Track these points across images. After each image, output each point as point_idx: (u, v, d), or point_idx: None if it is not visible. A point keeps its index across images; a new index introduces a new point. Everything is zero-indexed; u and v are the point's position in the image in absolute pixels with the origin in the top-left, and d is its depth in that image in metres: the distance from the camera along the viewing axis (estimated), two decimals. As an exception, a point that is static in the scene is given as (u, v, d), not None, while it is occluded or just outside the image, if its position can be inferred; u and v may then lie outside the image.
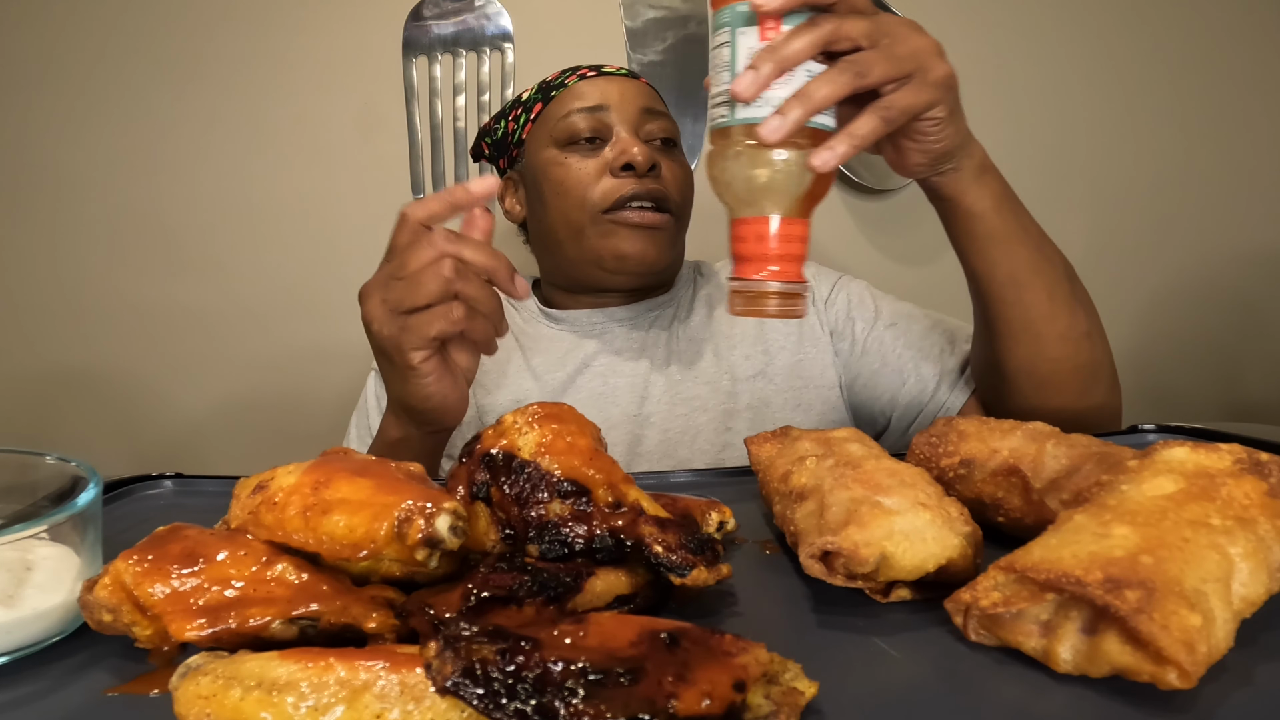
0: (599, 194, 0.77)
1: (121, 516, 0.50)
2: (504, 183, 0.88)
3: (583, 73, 0.82)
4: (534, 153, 0.82)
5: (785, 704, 0.25)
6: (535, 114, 0.83)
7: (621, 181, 0.76)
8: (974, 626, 0.30)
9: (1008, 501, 0.39)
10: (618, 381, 0.80)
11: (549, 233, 0.82)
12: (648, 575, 0.34)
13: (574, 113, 0.78)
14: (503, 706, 0.23)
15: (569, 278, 0.84)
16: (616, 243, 0.77)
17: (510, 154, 0.87)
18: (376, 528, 0.31)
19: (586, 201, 0.77)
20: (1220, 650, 0.26)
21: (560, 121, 0.79)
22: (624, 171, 0.76)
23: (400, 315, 0.54)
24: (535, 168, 0.82)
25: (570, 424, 0.37)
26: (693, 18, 1.26)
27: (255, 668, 0.25)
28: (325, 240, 1.26)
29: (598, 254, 0.78)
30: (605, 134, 0.78)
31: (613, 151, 0.77)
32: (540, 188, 0.81)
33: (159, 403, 1.26)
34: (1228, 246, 1.41)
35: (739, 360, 0.81)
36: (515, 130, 0.85)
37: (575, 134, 0.78)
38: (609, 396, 0.79)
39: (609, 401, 0.79)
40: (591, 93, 0.79)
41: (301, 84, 1.24)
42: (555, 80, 0.83)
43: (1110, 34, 1.36)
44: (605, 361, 0.81)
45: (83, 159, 1.23)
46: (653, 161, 0.76)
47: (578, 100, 0.79)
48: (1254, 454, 0.32)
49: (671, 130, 0.82)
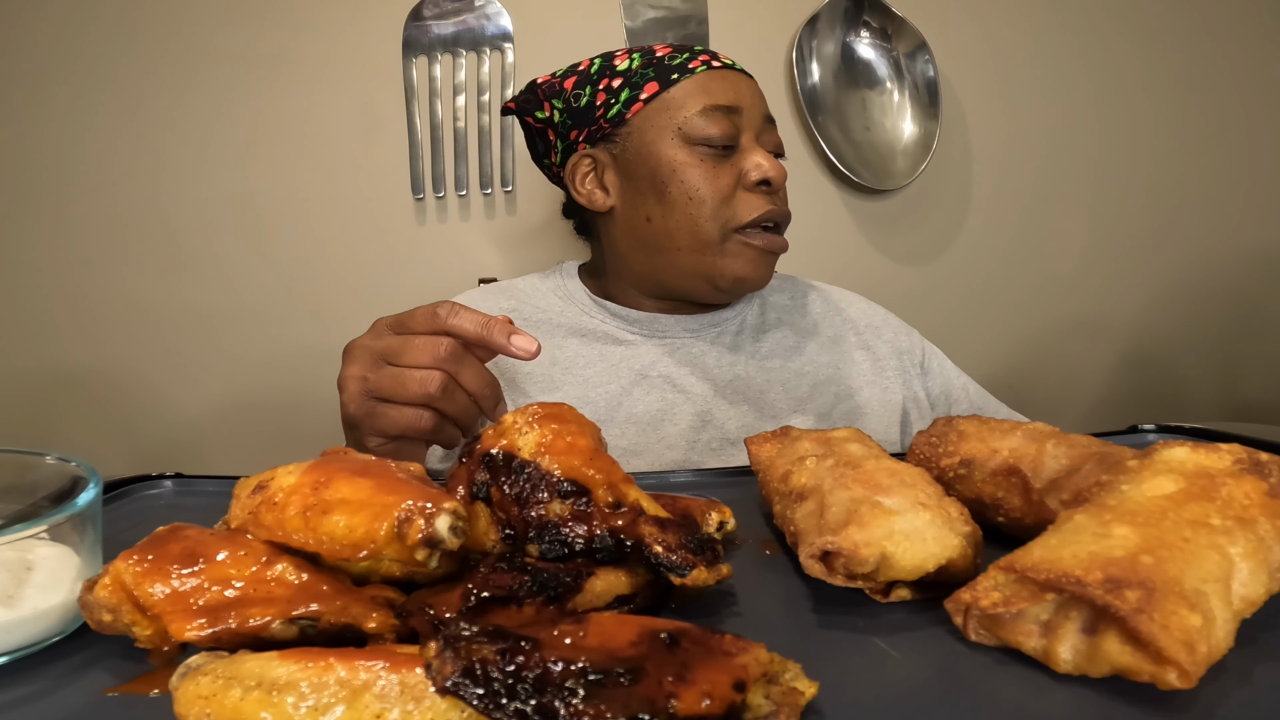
0: (737, 210, 0.72)
1: (121, 516, 0.50)
2: (578, 160, 0.79)
3: (705, 58, 0.75)
4: (651, 142, 0.74)
5: (785, 704, 0.25)
6: (649, 95, 0.74)
7: (759, 199, 0.72)
8: (974, 626, 0.30)
9: (1008, 501, 0.39)
10: (675, 398, 0.75)
11: (664, 236, 0.74)
12: (648, 575, 0.34)
13: (709, 110, 0.72)
14: (503, 706, 0.22)
15: (662, 284, 0.78)
16: (741, 265, 0.73)
17: (599, 129, 0.77)
18: (376, 528, 0.31)
19: (721, 215, 0.72)
20: (1220, 650, 0.26)
21: (693, 117, 0.72)
22: (759, 188, 0.72)
23: (372, 400, 0.53)
24: (655, 161, 0.74)
25: (570, 424, 0.37)
26: (693, 18, 1.26)
27: (255, 668, 0.25)
28: (326, 240, 1.26)
29: (719, 272, 0.73)
30: (735, 140, 0.73)
31: (749, 164, 0.72)
32: (665, 188, 0.73)
33: (159, 403, 1.26)
34: (1228, 246, 1.41)
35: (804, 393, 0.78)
36: (614, 106, 0.76)
37: (711, 138, 0.72)
38: (667, 414, 0.75)
39: (667, 420, 0.75)
40: (724, 90, 0.73)
41: (301, 84, 1.24)
42: (670, 59, 0.75)
43: (1111, 34, 1.36)
44: (663, 373, 0.76)
45: (82, 158, 1.23)
46: (783, 179, 0.73)
47: (709, 96, 0.72)
48: (1254, 454, 0.32)
49: (782, 144, 0.77)
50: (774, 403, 0.77)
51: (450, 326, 0.52)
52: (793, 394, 0.77)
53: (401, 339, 0.53)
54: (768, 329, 0.82)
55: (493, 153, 1.24)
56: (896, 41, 1.30)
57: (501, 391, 0.56)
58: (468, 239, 1.28)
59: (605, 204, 0.78)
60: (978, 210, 1.35)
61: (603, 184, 0.78)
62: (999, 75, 1.34)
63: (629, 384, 0.75)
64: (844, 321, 0.86)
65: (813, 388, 0.78)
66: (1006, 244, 1.35)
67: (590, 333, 0.79)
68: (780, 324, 0.83)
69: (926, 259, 1.36)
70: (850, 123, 1.30)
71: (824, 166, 1.32)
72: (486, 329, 0.52)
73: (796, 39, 1.27)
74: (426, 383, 0.51)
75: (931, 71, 1.29)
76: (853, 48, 1.30)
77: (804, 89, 1.27)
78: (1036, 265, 1.36)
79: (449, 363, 0.52)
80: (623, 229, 0.79)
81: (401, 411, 0.52)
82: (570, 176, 0.80)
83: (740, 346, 0.80)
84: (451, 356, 0.52)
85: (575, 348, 0.77)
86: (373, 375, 0.53)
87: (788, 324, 0.83)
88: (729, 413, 0.75)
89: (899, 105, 1.30)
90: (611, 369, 0.76)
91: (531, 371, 0.75)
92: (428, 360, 0.51)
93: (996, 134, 1.35)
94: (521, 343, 0.52)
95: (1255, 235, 1.42)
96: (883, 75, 1.31)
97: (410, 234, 1.27)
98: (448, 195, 1.26)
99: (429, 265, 1.28)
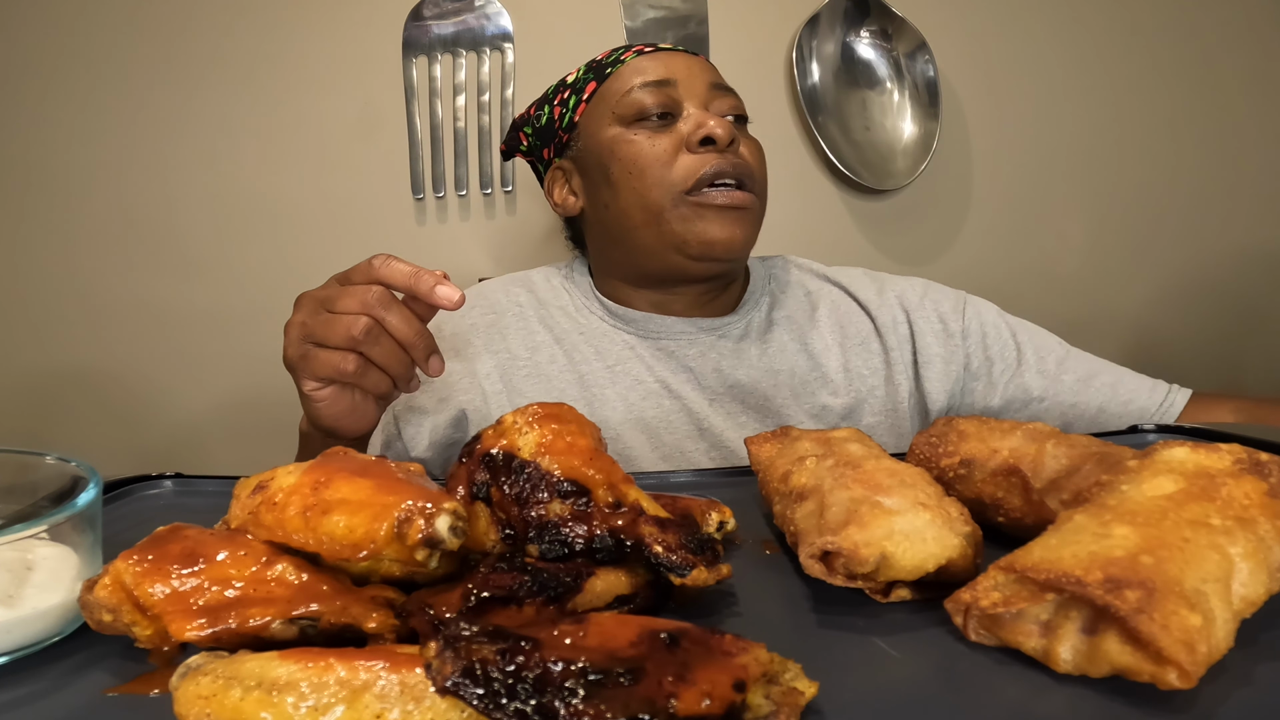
0: (679, 172, 0.71)
1: (121, 516, 0.50)
2: (551, 174, 0.82)
3: (639, 49, 0.77)
4: (593, 134, 0.76)
5: (785, 704, 0.25)
6: (589, 94, 0.77)
7: (703, 158, 0.70)
8: (974, 626, 0.30)
9: (1008, 501, 0.39)
10: (671, 404, 0.74)
11: (621, 217, 0.74)
12: (648, 575, 0.34)
13: (638, 88, 0.73)
14: (503, 706, 0.22)
15: (641, 269, 0.77)
16: (704, 227, 0.71)
17: (559, 140, 0.80)
18: (376, 528, 0.31)
19: (665, 181, 0.71)
20: (1220, 650, 0.26)
21: (624, 98, 0.73)
22: (703, 146, 0.71)
23: (306, 344, 0.56)
24: (598, 149, 0.75)
25: (570, 424, 0.37)
26: (693, 18, 1.26)
27: (255, 668, 0.25)
28: (326, 240, 1.26)
29: (681, 239, 0.72)
30: (676, 110, 0.73)
31: (688, 125, 0.72)
32: (608, 170, 0.74)
33: (159, 403, 1.26)
34: (1228, 246, 1.41)
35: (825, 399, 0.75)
36: (564, 114, 0.79)
37: (643, 110, 0.72)
38: (663, 421, 0.74)
39: (664, 427, 0.74)
40: (654, 67, 0.74)
41: (302, 84, 1.24)
42: (607, 58, 0.78)
43: (1110, 34, 1.36)
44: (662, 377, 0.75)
45: (83, 159, 1.23)
46: (733, 135, 0.71)
47: (639, 75, 0.74)
48: (1254, 454, 0.32)
49: (742, 107, 0.76)
50: (778, 409, 0.75)
51: (380, 275, 0.55)
52: (797, 398, 0.76)
53: (340, 289, 0.56)
54: (774, 329, 0.79)
55: (493, 153, 1.24)
56: (896, 41, 1.30)
57: (434, 343, 0.58)
58: (468, 239, 1.28)
59: (576, 207, 0.81)
60: (978, 210, 1.35)
61: (572, 189, 0.81)
62: (999, 75, 1.34)
63: (626, 388, 0.75)
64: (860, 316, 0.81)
65: (810, 390, 0.76)
66: (1006, 244, 1.35)
67: (589, 330, 0.79)
68: (789, 322, 0.80)
69: (926, 259, 1.36)
70: (850, 123, 1.29)
71: (824, 166, 1.32)
72: (414, 278, 0.55)
73: (796, 39, 1.27)
74: (351, 326, 0.54)
75: (931, 71, 1.29)
76: (853, 48, 1.30)
77: (804, 89, 1.27)
78: (1036, 265, 1.36)
79: (376, 309, 0.54)
80: (592, 225, 0.81)
81: (329, 353, 0.56)
82: (548, 192, 0.83)
83: (743, 351, 0.77)
84: (380, 303, 0.55)
85: (575, 341, 0.78)
86: (310, 320, 0.56)
87: (796, 324, 0.80)
88: (725, 423, 0.74)
89: (899, 105, 1.30)
90: (609, 370, 0.76)
91: (530, 359, 0.76)
92: (356, 306, 0.54)
93: (996, 134, 1.35)
94: (445, 292, 0.54)
95: (1255, 235, 1.42)
96: (883, 75, 1.31)
97: (410, 234, 1.27)
98: (448, 195, 1.26)
99: (429, 265, 1.26)
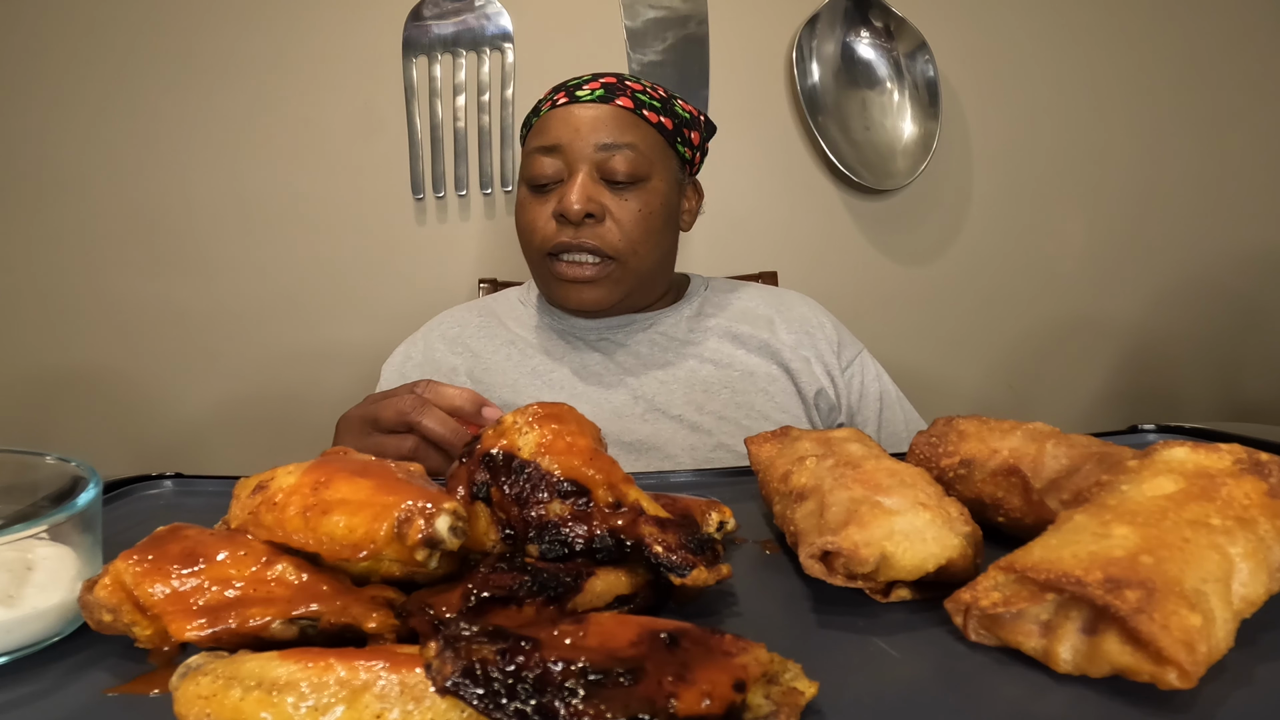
0: (539, 239, 0.78)
1: (121, 516, 0.50)
2: None
3: (557, 98, 0.80)
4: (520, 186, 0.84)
5: (785, 704, 0.25)
6: (524, 136, 0.85)
7: (559, 229, 0.77)
8: (974, 626, 0.30)
9: (1008, 501, 0.39)
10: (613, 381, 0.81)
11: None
12: (648, 575, 0.34)
13: (535, 152, 0.78)
14: (503, 706, 0.22)
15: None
16: (555, 289, 0.80)
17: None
18: (376, 528, 0.31)
19: (533, 244, 0.79)
20: (1220, 650, 0.26)
21: (527, 158, 0.80)
22: (560, 220, 0.76)
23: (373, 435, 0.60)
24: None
25: (570, 424, 0.37)
26: (693, 18, 1.26)
27: (255, 668, 0.25)
28: (326, 240, 1.26)
29: (549, 293, 0.82)
30: (562, 174, 0.77)
31: (555, 197, 0.77)
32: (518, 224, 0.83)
33: (159, 403, 1.26)
34: (1228, 246, 1.41)
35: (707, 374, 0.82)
36: (524, 137, 0.86)
37: (533, 177, 0.78)
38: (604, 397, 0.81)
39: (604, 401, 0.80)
40: (550, 130, 0.78)
41: (302, 84, 1.24)
42: (545, 98, 0.82)
43: (1110, 34, 1.36)
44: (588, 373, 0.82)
45: (83, 159, 1.23)
46: (588, 211, 0.74)
47: (539, 137, 0.79)
48: (1254, 454, 0.32)
49: (635, 162, 0.76)
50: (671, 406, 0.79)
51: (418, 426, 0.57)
52: (689, 397, 0.80)
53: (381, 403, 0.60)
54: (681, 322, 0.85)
55: (493, 153, 1.24)
56: (896, 41, 1.30)
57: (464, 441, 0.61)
58: (468, 239, 1.28)
59: None
60: (978, 210, 1.35)
61: None
62: (999, 75, 1.34)
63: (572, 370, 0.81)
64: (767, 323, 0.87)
65: (709, 391, 0.80)
66: (1006, 244, 1.35)
67: (530, 344, 0.85)
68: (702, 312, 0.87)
69: (926, 259, 1.36)
70: (850, 123, 1.30)
71: (824, 166, 1.32)
72: (456, 435, 0.57)
73: (796, 39, 1.27)
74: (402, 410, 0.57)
75: (931, 71, 1.29)
76: (853, 48, 1.30)
77: (804, 89, 1.27)
78: (1036, 265, 1.36)
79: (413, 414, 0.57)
80: None
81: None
82: None
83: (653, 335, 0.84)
84: (414, 406, 0.57)
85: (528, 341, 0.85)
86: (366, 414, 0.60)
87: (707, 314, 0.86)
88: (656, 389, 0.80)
89: (899, 105, 1.30)
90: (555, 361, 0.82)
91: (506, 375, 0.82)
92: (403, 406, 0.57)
93: (996, 134, 1.35)
94: (490, 415, 0.57)
95: (1255, 235, 1.42)
96: (883, 75, 1.31)
97: (410, 234, 1.27)
98: (448, 195, 1.26)
99: (429, 265, 1.28)
